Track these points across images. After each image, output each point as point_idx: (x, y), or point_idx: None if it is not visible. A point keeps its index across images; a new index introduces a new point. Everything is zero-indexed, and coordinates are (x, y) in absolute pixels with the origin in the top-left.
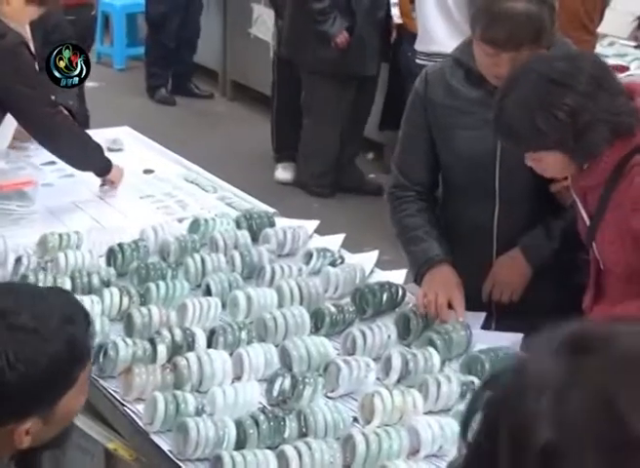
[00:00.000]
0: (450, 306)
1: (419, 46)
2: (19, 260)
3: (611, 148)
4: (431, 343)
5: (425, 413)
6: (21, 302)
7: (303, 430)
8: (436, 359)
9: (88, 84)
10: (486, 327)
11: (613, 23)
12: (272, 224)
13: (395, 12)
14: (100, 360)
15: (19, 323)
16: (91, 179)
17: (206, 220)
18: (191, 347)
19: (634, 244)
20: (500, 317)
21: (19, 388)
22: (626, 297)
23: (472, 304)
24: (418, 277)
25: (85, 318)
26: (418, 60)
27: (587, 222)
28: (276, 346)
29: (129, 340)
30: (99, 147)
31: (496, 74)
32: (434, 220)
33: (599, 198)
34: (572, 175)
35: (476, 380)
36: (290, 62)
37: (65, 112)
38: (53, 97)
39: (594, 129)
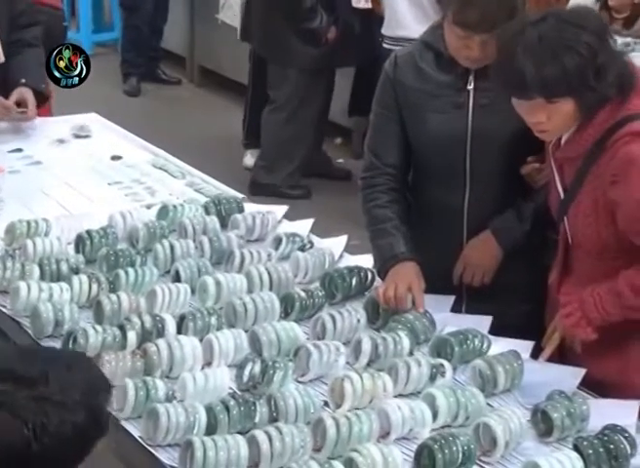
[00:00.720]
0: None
1: (386, 30)
2: None
3: (597, 116)
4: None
5: (395, 396)
6: (48, 371)
7: (274, 415)
8: (405, 342)
9: None
10: (456, 309)
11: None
12: (241, 210)
13: None
14: (70, 347)
15: (46, 394)
16: (58, 166)
17: (174, 206)
18: (161, 333)
19: (608, 217)
20: (470, 300)
21: (40, 460)
22: (595, 274)
23: (443, 287)
24: (382, 272)
25: (107, 387)
26: (385, 45)
27: (562, 195)
28: (246, 331)
29: (98, 327)
30: None
31: (467, 56)
32: (403, 214)
33: (577, 170)
34: (551, 146)
35: (445, 363)
36: None
37: None
38: (23, 80)
39: (609, 70)
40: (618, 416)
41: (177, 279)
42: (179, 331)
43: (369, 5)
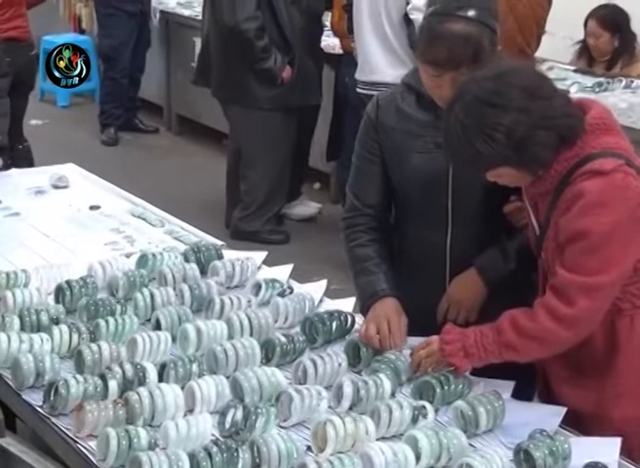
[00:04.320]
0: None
1: (359, 75)
2: None
3: (560, 154)
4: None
5: (378, 439)
6: None
7: (257, 461)
8: (387, 385)
9: (32, 122)
10: None
11: (552, 48)
12: (220, 257)
13: (336, 41)
14: (52, 398)
15: None
16: (37, 217)
17: (154, 255)
18: (142, 382)
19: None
20: None
21: None
22: None
23: (427, 325)
24: (363, 310)
25: None
26: (358, 90)
27: (537, 231)
28: (227, 378)
29: (79, 377)
30: None
31: (440, 96)
32: (385, 252)
33: (548, 205)
34: (525, 185)
35: (427, 405)
36: None
37: None
38: None
39: (533, 138)
40: (600, 454)
41: (157, 327)
42: (160, 380)
43: (340, 51)
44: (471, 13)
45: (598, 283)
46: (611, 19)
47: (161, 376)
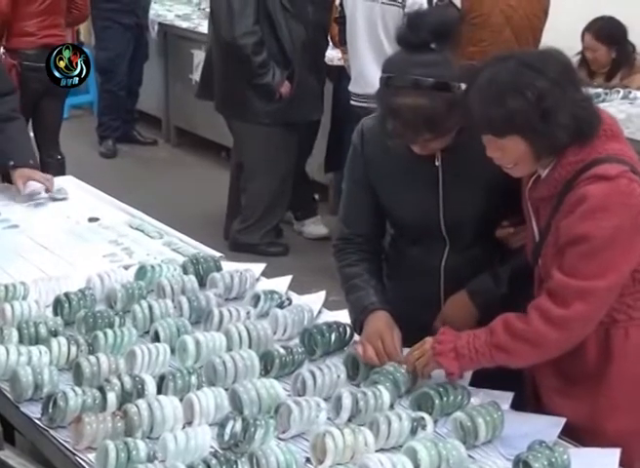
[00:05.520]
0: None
1: (353, 88)
2: None
3: (566, 157)
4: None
5: (377, 451)
6: None
7: None
8: (386, 397)
9: (31, 134)
10: None
11: None
12: (219, 268)
13: (336, 54)
14: (50, 410)
15: None
16: (35, 229)
17: (152, 267)
18: (141, 394)
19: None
20: None
21: None
22: None
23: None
24: (356, 325)
25: None
26: (352, 102)
27: (537, 238)
28: (226, 390)
29: (78, 389)
30: None
31: (415, 150)
32: (374, 269)
33: (551, 209)
34: (528, 189)
35: (426, 416)
36: None
37: None
38: (11, 163)
39: (558, 115)
40: (599, 465)
41: (156, 339)
42: (159, 392)
43: (342, 62)
44: (422, 80)
45: (594, 287)
46: (607, 33)
47: (160, 388)
